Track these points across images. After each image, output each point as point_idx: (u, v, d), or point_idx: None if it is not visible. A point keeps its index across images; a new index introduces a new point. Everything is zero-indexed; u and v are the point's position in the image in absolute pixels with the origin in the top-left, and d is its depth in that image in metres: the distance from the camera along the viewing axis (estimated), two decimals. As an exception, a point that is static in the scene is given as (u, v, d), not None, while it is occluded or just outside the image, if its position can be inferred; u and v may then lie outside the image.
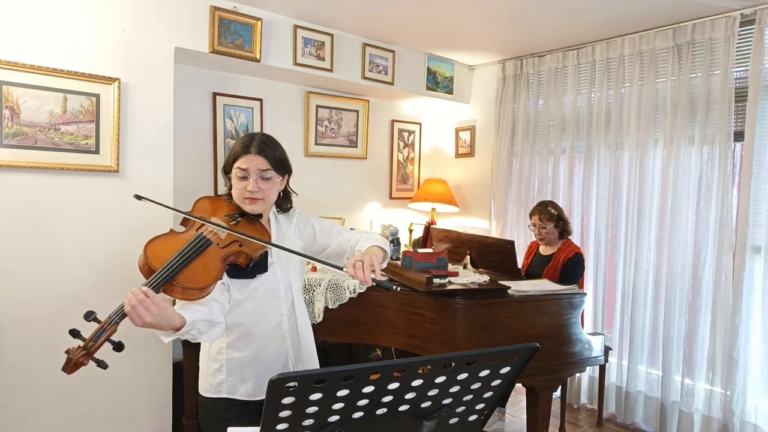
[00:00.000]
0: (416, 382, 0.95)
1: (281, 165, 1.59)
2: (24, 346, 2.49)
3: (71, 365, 1.18)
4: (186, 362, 2.92)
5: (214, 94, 3.40)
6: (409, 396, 0.97)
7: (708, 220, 3.10)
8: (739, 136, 3.02)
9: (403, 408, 0.99)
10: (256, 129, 3.57)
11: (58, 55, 2.50)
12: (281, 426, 0.90)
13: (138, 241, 2.73)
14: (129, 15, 2.69)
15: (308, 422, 0.92)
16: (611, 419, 3.54)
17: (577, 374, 3.50)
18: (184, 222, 1.53)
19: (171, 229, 1.50)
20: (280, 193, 1.65)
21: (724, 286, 3.02)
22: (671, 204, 3.24)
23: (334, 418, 0.94)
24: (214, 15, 2.96)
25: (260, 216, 1.60)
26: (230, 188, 1.61)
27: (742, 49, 3.00)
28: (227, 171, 1.60)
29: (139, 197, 1.57)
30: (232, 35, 3.05)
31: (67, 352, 1.17)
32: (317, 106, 3.92)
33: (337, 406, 0.92)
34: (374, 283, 1.41)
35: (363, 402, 0.94)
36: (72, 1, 2.53)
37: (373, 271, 1.43)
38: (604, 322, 3.61)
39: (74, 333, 1.20)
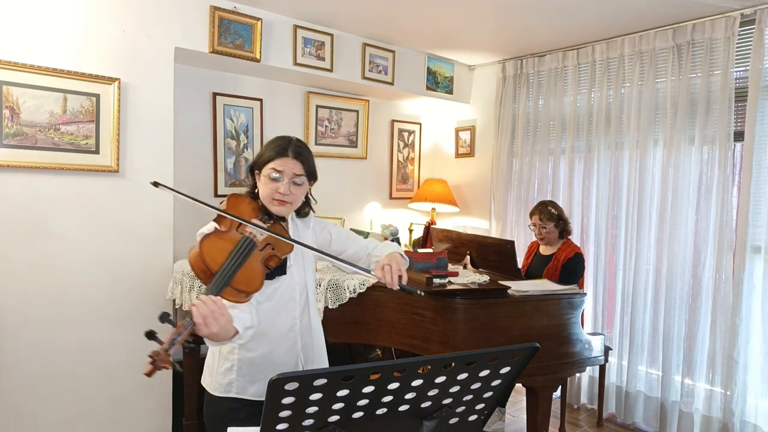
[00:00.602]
0: (416, 382, 0.95)
1: (312, 172, 1.63)
2: (24, 346, 2.49)
3: (155, 368, 1.15)
4: (186, 362, 2.92)
5: (214, 94, 3.40)
6: (409, 396, 0.97)
7: (708, 220, 3.10)
8: (739, 136, 3.02)
9: (403, 408, 0.99)
10: (256, 129, 3.57)
11: (58, 55, 2.51)
12: (281, 426, 0.90)
13: (138, 240, 2.75)
14: (129, 15, 2.69)
15: (308, 422, 0.92)
16: (611, 419, 3.54)
17: (577, 374, 3.50)
18: (219, 219, 1.52)
19: (216, 228, 1.49)
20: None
21: (724, 286, 3.02)
22: (671, 204, 3.24)
23: (334, 418, 0.94)
24: (214, 15, 2.96)
25: (284, 219, 1.62)
26: (252, 187, 1.64)
27: (742, 49, 3.00)
28: (255, 170, 1.62)
29: (156, 184, 1.54)
30: (232, 35, 3.06)
31: (151, 355, 1.14)
32: (317, 106, 3.92)
33: (337, 406, 0.92)
34: (399, 287, 1.48)
35: (363, 402, 0.94)
36: (72, 1, 2.53)
37: (401, 276, 1.50)
38: (604, 322, 3.61)
39: (150, 335, 1.17)
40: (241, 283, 1.32)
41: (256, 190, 1.61)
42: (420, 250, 3.46)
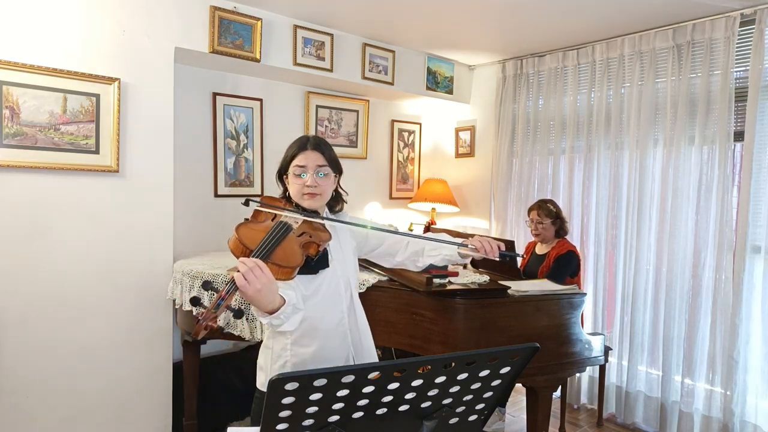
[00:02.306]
0: (416, 382, 0.95)
1: (335, 162, 1.68)
2: (24, 345, 2.48)
3: (202, 328, 1.23)
4: (186, 362, 2.92)
5: (214, 94, 3.40)
6: (409, 396, 0.97)
7: (708, 220, 3.10)
8: (739, 136, 3.02)
9: (403, 408, 0.99)
10: (256, 129, 3.57)
11: (58, 55, 2.50)
12: (281, 426, 0.90)
13: (138, 240, 2.75)
14: (129, 15, 2.69)
15: (308, 422, 0.92)
16: (611, 419, 3.54)
17: (577, 374, 3.50)
18: (255, 215, 1.58)
19: (252, 219, 1.56)
20: (333, 192, 1.72)
21: (724, 286, 3.02)
22: (671, 204, 3.24)
23: (334, 418, 0.94)
24: (214, 15, 2.96)
25: (317, 214, 1.65)
26: (284, 191, 1.69)
27: (742, 49, 3.00)
28: (282, 174, 1.67)
29: (247, 203, 1.61)
30: (232, 35, 3.05)
31: (196, 315, 1.23)
32: (317, 106, 3.92)
33: (337, 406, 0.92)
34: (500, 254, 1.57)
35: (363, 402, 0.94)
36: (72, 1, 2.53)
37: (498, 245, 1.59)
38: (604, 322, 3.61)
39: (195, 301, 1.25)
40: (280, 259, 1.39)
41: (287, 194, 1.67)
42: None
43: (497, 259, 1.57)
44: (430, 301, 2.39)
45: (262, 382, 1.67)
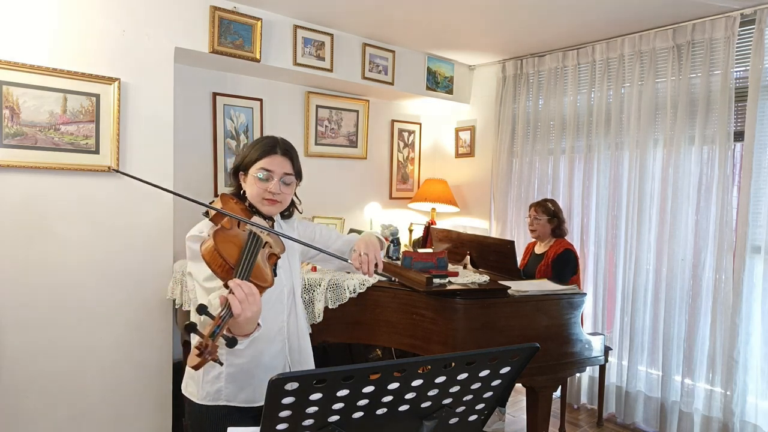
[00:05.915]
0: (416, 382, 0.95)
1: (299, 171, 1.62)
2: (24, 346, 2.49)
3: (203, 360, 1.10)
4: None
5: (214, 94, 3.40)
6: (409, 396, 0.97)
7: (708, 220, 3.10)
8: (739, 136, 3.02)
9: (403, 408, 0.99)
10: (256, 129, 3.57)
11: (58, 55, 2.51)
12: (281, 426, 0.90)
13: (138, 240, 2.75)
14: (129, 15, 2.69)
15: (308, 422, 0.92)
16: (611, 419, 3.54)
17: (577, 374, 3.50)
18: (216, 218, 1.43)
19: (222, 225, 1.39)
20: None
21: (724, 286, 3.02)
22: (671, 204, 3.24)
23: (334, 418, 0.94)
24: (214, 15, 2.96)
25: (272, 219, 1.61)
26: (237, 188, 1.61)
27: (742, 49, 3.00)
28: (241, 171, 1.58)
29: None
30: (232, 35, 3.05)
31: (198, 347, 1.09)
32: (317, 106, 3.92)
33: (337, 406, 0.92)
34: (375, 275, 1.54)
35: (363, 402, 0.93)
36: (72, 1, 2.53)
37: (377, 264, 1.55)
38: (604, 322, 3.61)
39: (191, 327, 1.11)
40: (257, 278, 1.28)
41: (242, 192, 1.59)
42: (420, 250, 3.46)
43: (373, 276, 1.59)
44: (430, 301, 2.40)
45: (192, 392, 1.58)
